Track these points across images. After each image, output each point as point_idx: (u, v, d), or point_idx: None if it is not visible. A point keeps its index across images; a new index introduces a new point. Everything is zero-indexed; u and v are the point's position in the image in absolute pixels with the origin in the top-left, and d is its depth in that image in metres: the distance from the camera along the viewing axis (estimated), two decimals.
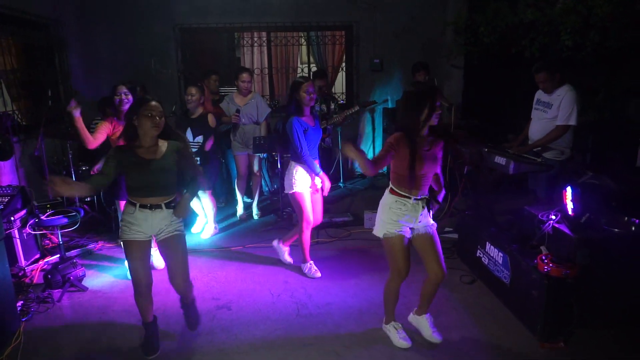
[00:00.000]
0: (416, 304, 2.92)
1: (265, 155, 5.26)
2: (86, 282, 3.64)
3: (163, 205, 2.57)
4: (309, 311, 3.19)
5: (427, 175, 2.58)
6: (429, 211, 2.66)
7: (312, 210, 3.56)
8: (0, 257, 2.86)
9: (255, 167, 4.99)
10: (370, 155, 6.82)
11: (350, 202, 5.44)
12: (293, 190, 3.49)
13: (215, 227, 4.66)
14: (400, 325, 2.83)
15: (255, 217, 5.10)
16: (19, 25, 4.91)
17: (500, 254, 3.21)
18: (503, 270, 3.18)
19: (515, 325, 2.96)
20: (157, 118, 2.48)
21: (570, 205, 2.87)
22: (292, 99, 3.38)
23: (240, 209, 5.10)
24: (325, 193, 3.61)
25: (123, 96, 3.47)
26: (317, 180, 3.53)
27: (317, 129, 3.51)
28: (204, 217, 4.64)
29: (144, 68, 6.08)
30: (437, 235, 2.66)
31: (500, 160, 3.56)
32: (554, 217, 2.93)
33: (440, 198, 2.73)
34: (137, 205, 2.55)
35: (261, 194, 5.34)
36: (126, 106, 3.47)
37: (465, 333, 2.89)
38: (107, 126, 3.55)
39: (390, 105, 6.62)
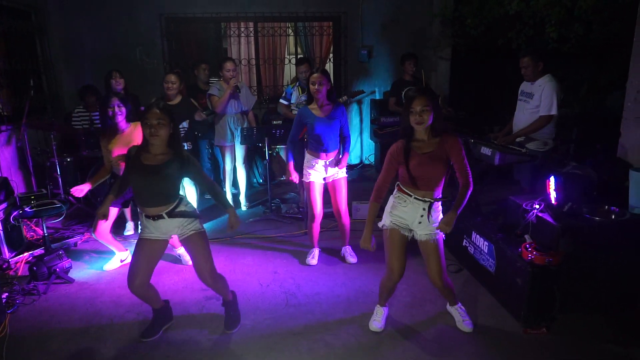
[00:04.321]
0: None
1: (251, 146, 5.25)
2: (72, 274, 3.61)
3: (165, 215, 2.59)
4: (298, 301, 3.22)
5: (427, 178, 2.52)
6: (429, 215, 2.57)
7: (321, 200, 3.60)
8: None
9: (241, 158, 4.97)
10: (357, 145, 6.85)
11: None
12: (305, 180, 3.59)
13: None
14: (383, 311, 2.88)
15: (244, 208, 5.09)
16: None
17: (486, 243, 3.27)
18: (488, 259, 3.23)
19: (500, 312, 3.03)
20: (155, 127, 2.46)
21: (553, 195, 2.93)
22: (308, 89, 3.47)
23: (229, 200, 5.08)
24: (339, 166, 3.56)
25: (116, 108, 3.39)
26: (326, 169, 3.54)
27: (330, 121, 3.45)
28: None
29: (128, 58, 5.99)
30: (441, 244, 2.64)
31: (486, 151, 3.61)
32: (537, 206, 2.99)
33: (464, 201, 2.58)
34: (143, 215, 2.61)
35: (250, 185, 5.33)
36: (119, 118, 3.42)
37: (451, 320, 2.94)
38: (103, 143, 3.52)
39: (377, 96, 6.63)
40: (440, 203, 2.65)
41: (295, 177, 3.71)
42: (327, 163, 3.53)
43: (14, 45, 5.07)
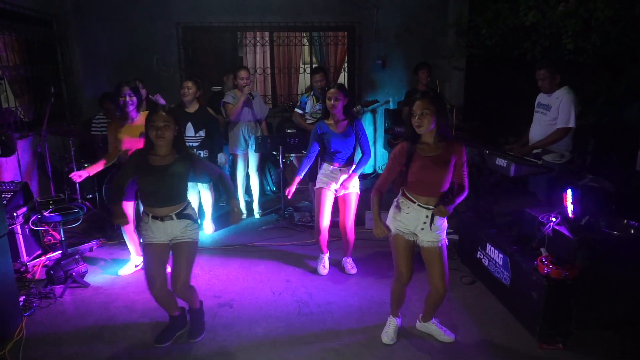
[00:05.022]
0: (415, 307, 2.95)
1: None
2: (88, 279, 3.65)
3: (174, 216, 2.63)
4: (310, 310, 3.21)
5: (430, 182, 2.51)
6: (431, 223, 2.55)
7: (328, 212, 3.59)
8: (3, 253, 2.87)
9: (254, 166, 5.00)
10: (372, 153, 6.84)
11: None
12: (316, 186, 3.60)
13: (212, 225, 4.69)
14: (396, 324, 2.86)
15: (257, 216, 5.12)
16: (22, 22, 4.92)
17: (501, 255, 3.24)
18: (503, 271, 3.20)
19: (514, 326, 2.98)
20: (161, 129, 2.51)
21: (570, 208, 2.90)
22: (324, 104, 3.50)
23: (241, 208, 5.12)
24: (344, 187, 3.53)
25: (127, 98, 3.45)
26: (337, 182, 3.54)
27: (346, 137, 3.46)
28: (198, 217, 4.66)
29: (145, 66, 6.09)
30: (445, 251, 2.63)
31: (501, 162, 3.59)
32: (554, 219, 2.95)
33: (449, 208, 2.55)
34: (150, 216, 2.63)
35: (263, 193, 5.36)
36: (130, 107, 3.48)
37: (464, 333, 2.91)
38: (111, 130, 3.58)
39: (391, 106, 6.64)
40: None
41: (290, 192, 3.61)
42: (341, 170, 3.53)
43: (35, 53, 5.20)
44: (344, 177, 3.54)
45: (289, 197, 3.66)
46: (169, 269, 2.75)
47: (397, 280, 2.69)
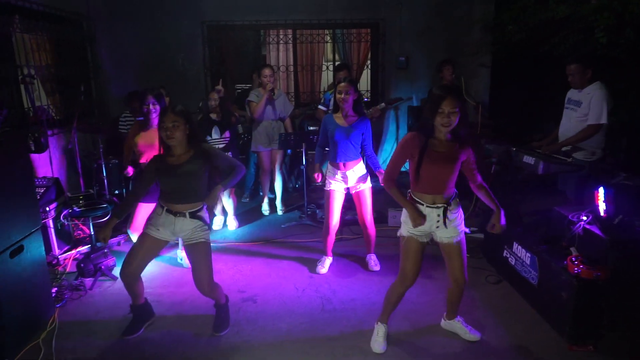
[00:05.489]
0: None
1: (289, 151, 5.31)
2: (116, 272, 3.73)
3: (187, 214, 2.67)
4: (333, 306, 3.21)
5: (436, 178, 2.45)
6: (444, 220, 2.49)
7: (337, 213, 3.59)
8: (38, 246, 2.97)
9: (278, 164, 5.02)
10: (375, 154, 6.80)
11: (374, 200, 5.42)
12: (326, 188, 3.60)
13: (235, 221, 4.74)
14: (385, 330, 2.77)
15: (280, 212, 5.15)
16: (53, 22, 5.06)
17: (528, 254, 3.17)
18: (530, 271, 3.13)
19: (542, 327, 2.92)
20: (170, 130, 2.55)
21: (602, 207, 2.82)
22: (334, 98, 3.50)
23: (265, 205, 5.16)
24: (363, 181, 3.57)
25: (151, 106, 3.55)
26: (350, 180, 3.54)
27: (350, 131, 3.45)
28: (221, 214, 4.73)
29: (170, 64, 6.19)
30: (464, 244, 2.59)
31: (529, 159, 3.52)
32: (585, 218, 2.88)
33: (502, 221, 2.55)
34: (165, 208, 2.69)
35: (286, 190, 5.38)
36: (154, 115, 3.58)
37: (490, 333, 2.87)
38: (133, 131, 3.69)
39: (415, 103, 6.58)
40: (456, 201, 2.55)
41: (319, 176, 3.72)
42: (347, 174, 3.51)
43: (66, 52, 5.34)
44: (352, 176, 3.52)
45: (318, 182, 3.66)
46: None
47: (401, 283, 2.62)
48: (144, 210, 3.62)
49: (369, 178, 3.60)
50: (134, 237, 3.74)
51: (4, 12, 4.11)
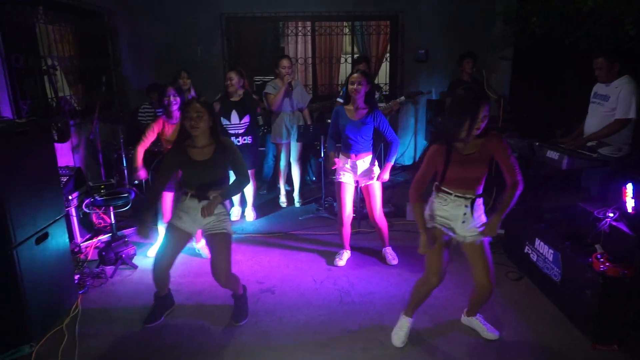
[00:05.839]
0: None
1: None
2: (136, 261, 3.79)
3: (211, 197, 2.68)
4: (351, 299, 3.21)
5: (468, 178, 2.42)
6: (472, 212, 2.44)
7: (350, 204, 3.57)
8: (62, 233, 3.02)
9: (296, 156, 5.02)
10: (411, 146, 6.75)
11: (391, 194, 5.40)
12: (336, 179, 3.56)
13: (253, 212, 4.75)
14: (409, 325, 2.74)
15: (297, 205, 5.15)
16: (76, 14, 5.11)
17: (551, 251, 3.12)
18: (553, 267, 3.08)
19: (564, 325, 2.87)
20: (195, 120, 2.56)
21: (630, 203, 2.75)
22: (346, 89, 3.46)
23: (282, 197, 5.17)
24: (381, 179, 3.52)
25: (172, 98, 3.59)
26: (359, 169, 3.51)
27: (361, 125, 3.41)
28: (239, 205, 4.75)
29: (189, 57, 6.21)
30: (488, 245, 2.52)
31: (552, 155, 3.44)
32: (611, 214, 2.81)
33: (512, 201, 2.42)
34: (189, 194, 2.70)
35: (304, 182, 5.38)
36: (174, 107, 3.61)
37: (510, 330, 2.83)
38: (154, 128, 3.68)
39: (434, 96, 6.49)
40: (482, 200, 2.51)
41: (338, 161, 3.60)
42: (357, 163, 3.49)
43: (87, 44, 5.40)
44: (362, 166, 3.49)
45: (337, 167, 3.62)
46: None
47: (427, 281, 2.58)
48: (170, 199, 3.67)
49: (377, 172, 3.55)
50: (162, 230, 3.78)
51: (28, 3, 4.16)
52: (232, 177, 2.79)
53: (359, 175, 3.52)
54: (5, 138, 2.45)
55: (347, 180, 3.52)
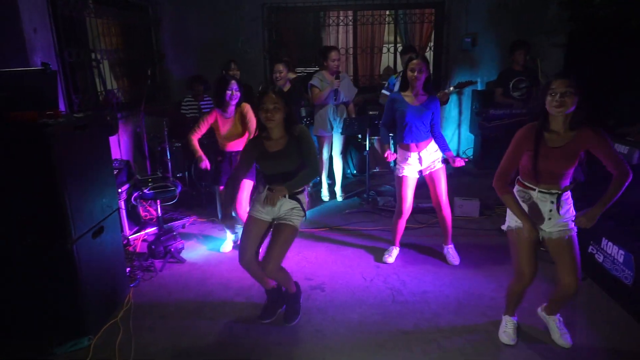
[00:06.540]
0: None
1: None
2: (183, 255, 3.80)
3: (286, 195, 2.63)
4: (404, 298, 3.10)
5: (553, 172, 2.28)
6: (558, 208, 2.31)
7: (410, 198, 3.44)
8: (115, 227, 3.04)
9: (339, 149, 4.92)
10: (455, 138, 6.52)
11: None
12: (398, 174, 3.44)
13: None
14: (514, 322, 2.64)
15: (339, 199, 5.06)
16: (122, 7, 5.15)
17: (622, 251, 2.91)
18: (624, 269, 2.88)
19: (631, 328, 2.69)
20: (271, 112, 2.50)
21: None
22: (404, 75, 3.32)
23: (324, 190, 5.09)
24: (457, 164, 3.35)
25: (234, 92, 3.54)
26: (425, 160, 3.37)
27: (422, 110, 3.29)
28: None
29: (230, 47, 6.18)
30: (576, 241, 2.36)
31: (621, 148, 3.22)
32: None
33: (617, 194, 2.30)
34: (267, 187, 2.66)
35: (344, 175, 5.28)
36: (234, 101, 3.56)
37: (578, 334, 2.66)
38: (208, 119, 3.66)
39: (479, 87, 6.24)
40: (570, 193, 2.35)
41: (391, 155, 3.48)
42: (421, 155, 3.35)
43: (133, 37, 5.44)
44: (426, 156, 3.35)
45: (391, 160, 3.51)
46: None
47: (518, 281, 2.44)
48: (245, 188, 3.64)
49: (440, 156, 3.42)
50: (240, 219, 3.73)
51: None
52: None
53: (423, 165, 3.39)
54: (66, 133, 2.46)
55: (410, 173, 3.39)
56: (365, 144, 4.71)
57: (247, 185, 3.65)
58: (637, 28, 4.55)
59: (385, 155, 3.52)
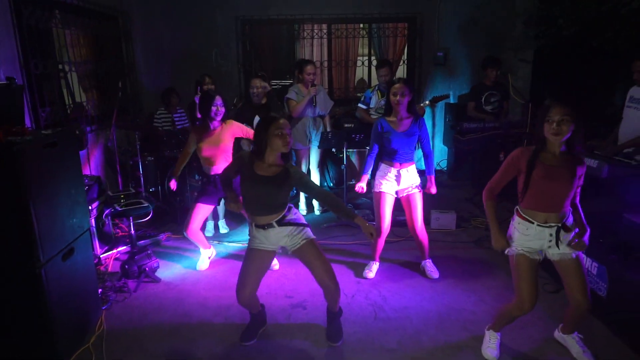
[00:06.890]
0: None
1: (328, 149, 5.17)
2: (158, 274, 3.67)
3: (274, 224, 2.57)
4: (386, 314, 3.09)
5: (549, 195, 2.29)
6: (558, 240, 2.34)
7: (389, 215, 3.44)
8: (85, 247, 2.91)
9: (315, 162, 4.90)
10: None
11: None
12: (375, 190, 3.43)
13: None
14: (497, 337, 2.66)
15: (317, 212, 5.03)
16: (90, 17, 5.00)
17: (595, 264, 2.99)
18: (598, 281, 2.96)
19: (609, 340, 2.75)
20: (288, 137, 2.48)
21: None
22: (387, 99, 3.32)
23: (301, 204, 5.05)
24: (432, 191, 3.49)
25: (219, 108, 3.49)
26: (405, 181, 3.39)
27: (408, 136, 3.30)
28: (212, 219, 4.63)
29: (204, 60, 6.11)
30: (582, 260, 2.39)
31: (590, 162, 3.33)
32: None
33: (586, 239, 2.34)
34: (254, 225, 2.60)
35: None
36: (219, 117, 3.52)
37: (556, 345, 2.71)
38: (193, 138, 3.61)
39: (452, 100, 6.38)
40: (573, 226, 2.38)
41: (360, 187, 3.47)
42: (401, 172, 3.37)
43: (102, 48, 5.28)
44: (405, 176, 3.37)
45: (361, 192, 3.50)
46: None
47: (518, 307, 2.39)
48: (202, 211, 3.56)
49: (419, 180, 3.45)
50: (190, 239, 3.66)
51: (45, 7, 4.05)
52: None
53: (401, 185, 3.40)
54: (35, 151, 2.34)
55: (388, 189, 3.39)
56: (343, 157, 4.71)
57: (203, 210, 3.58)
58: (598, 47, 4.76)
59: (357, 187, 3.47)
